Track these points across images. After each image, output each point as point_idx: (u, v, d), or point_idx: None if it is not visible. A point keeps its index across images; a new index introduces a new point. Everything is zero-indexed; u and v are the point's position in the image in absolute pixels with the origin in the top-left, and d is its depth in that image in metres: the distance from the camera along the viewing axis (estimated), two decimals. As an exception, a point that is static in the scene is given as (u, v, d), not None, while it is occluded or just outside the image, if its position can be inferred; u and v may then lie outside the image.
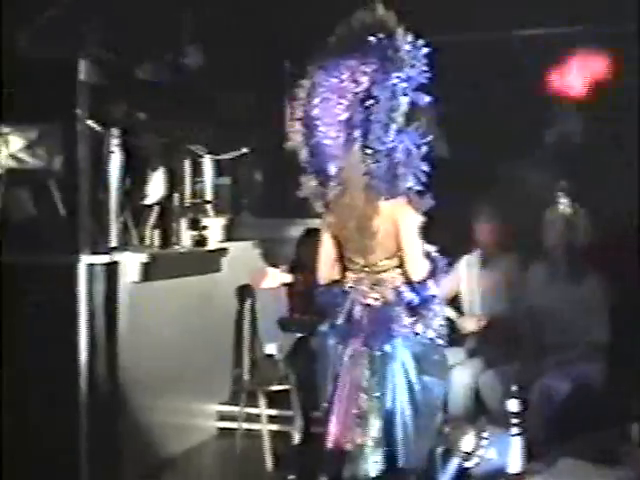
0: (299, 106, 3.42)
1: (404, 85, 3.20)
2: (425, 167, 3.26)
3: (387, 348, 3.30)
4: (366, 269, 3.38)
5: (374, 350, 3.31)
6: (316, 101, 3.35)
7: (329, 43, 3.40)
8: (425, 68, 3.22)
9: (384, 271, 3.36)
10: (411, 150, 3.23)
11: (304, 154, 3.42)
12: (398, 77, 3.19)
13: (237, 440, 5.06)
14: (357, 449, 3.28)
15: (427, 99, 3.22)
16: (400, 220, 3.30)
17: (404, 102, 3.21)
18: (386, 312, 3.34)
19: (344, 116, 3.30)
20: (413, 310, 3.33)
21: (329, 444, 3.35)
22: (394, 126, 3.22)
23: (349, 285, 3.42)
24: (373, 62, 3.24)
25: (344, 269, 3.47)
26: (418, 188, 3.26)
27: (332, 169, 3.35)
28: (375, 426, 3.28)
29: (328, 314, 3.45)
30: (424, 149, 3.24)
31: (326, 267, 3.51)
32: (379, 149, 3.24)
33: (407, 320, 3.31)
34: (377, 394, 3.29)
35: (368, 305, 3.36)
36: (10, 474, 4.07)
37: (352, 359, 3.33)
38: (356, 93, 3.27)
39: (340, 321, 3.39)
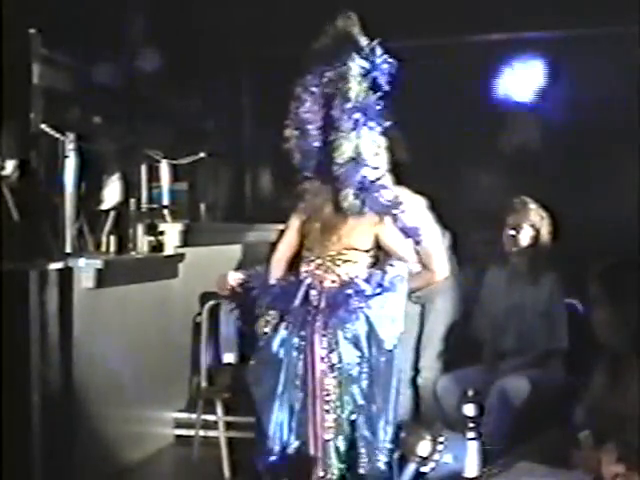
0: (293, 109, 3.48)
1: (363, 119, 3.33)
2: (389, 192, 3.43)
3: (348, 327, 3.34)
4: (322, 257, 3.45)
5: (335, 331, 3.35)
6: (307, 105, 3.42)
7: (315, 48, 3.46)
8: (385, 87, 3.34)
9: (339, 263, 3.43)
10: (373, 178, 3.38)
11: (297, 158, 3.49)
12: (359, 111, 3.31)
13: (194, 448, 5.02)
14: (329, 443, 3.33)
15: (386, 124, 3.37)
16: (380, 234, 3.46)
17: (364, 134, 3.34)
18: (343, 292, 3.39)
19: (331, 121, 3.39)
20: (367, 298, 3.39)
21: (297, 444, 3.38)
22: (352, 159, 3.34)
23: (304, 271, 3.47)
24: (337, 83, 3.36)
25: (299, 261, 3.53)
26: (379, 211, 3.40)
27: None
28: (345, 413, 3.35)
29: (281, 310, 3.46)
30: (387, 176, 3.44)
31: (285, 249, 3.56)
32: (338, 175, 3.36)
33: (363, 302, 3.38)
34: (345, 375, 3.34)
35: (324, 288, 3.41)
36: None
37: (311, 343, 3.36)
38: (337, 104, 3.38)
39: (295, 305, 3.40)
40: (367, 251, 3.48)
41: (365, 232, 3.46)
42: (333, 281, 3.42)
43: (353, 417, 3.37)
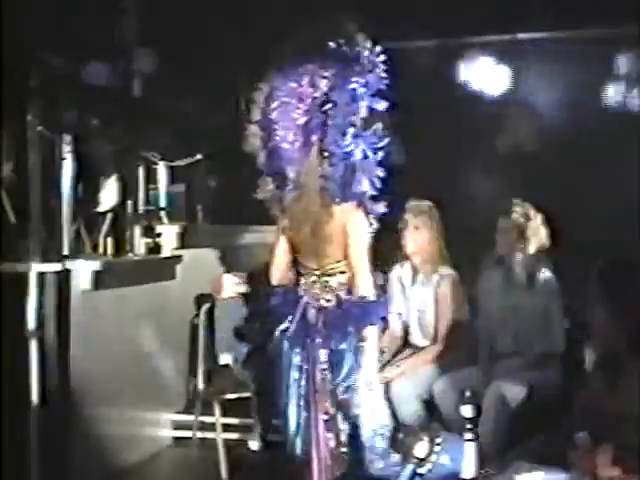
0: (257, 109, 3.44)
1: (362, 90, 3.24)
2: (380, 172, 3.30)
3: (344, 347, 3.32)
4: (317, 272, 3.41)
5: (332, 350, 3.33)
6: (274, 105, 3.37)
7: (287, 47, 3.42)
8: (384, 74, 3.27)
9: (335, 274, 3.39)
10: (367, 154, 3.27)
11: (262, 157, 3.45)
12: (357, 82, 3.24)
13: (192, 449, 5.02)
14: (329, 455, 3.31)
15: (384, 105, 3.26)
16: (350, 227, 3.33)
17: (362, 106, 3.25)
18: (340, 312, 3.36)
19: (302, 120, 3.33)
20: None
21: (297, 455, 3.37)
22: (351, 130, 3.26)
23: (302, 289, 3.44)
24: (332, 66, 3.28)
25: (297, 274, 3.48)
26: (372, 193, 3.30)
27: (289, 173, 3.38)
28: (345, 430, 3.32)
29: (282, 319, 3.45)
30: (380, 153, 3.28)
31: (279, 269, 3.52)
32: (335, 152, 3.27)
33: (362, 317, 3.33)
34: (343, 395, 3.32)
35: (321, 307, 3.38)
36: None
37: (311, 362, 3.34)
38: (315, 98, 3.31)
39: (293, 325, 3.39)
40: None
41: (340, 235, 3.34)
42: (328, 300, 3.39)
43: (353, 433, 3.36)
